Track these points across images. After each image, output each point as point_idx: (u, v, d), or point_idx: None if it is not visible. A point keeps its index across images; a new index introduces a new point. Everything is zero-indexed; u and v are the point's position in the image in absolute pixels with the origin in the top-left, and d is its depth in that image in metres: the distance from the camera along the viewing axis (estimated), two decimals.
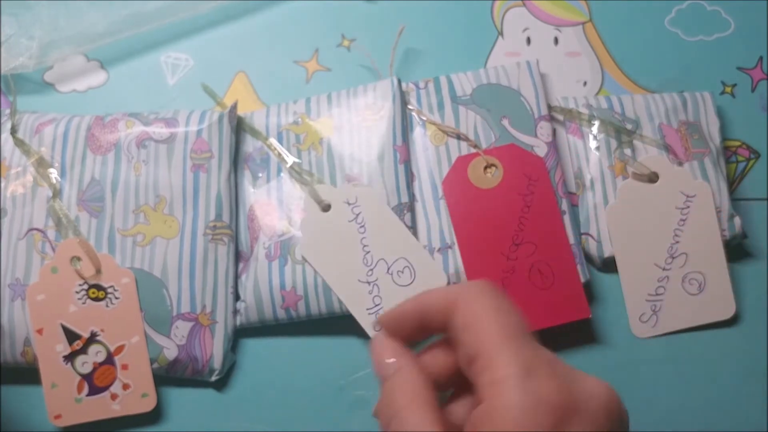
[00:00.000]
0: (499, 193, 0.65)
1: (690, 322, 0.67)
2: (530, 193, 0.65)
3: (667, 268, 0.67)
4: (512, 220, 0.64)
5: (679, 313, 0.67)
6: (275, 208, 0.67)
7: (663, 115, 0.70)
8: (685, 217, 0.67)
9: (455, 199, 0.65)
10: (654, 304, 0.67)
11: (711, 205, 0.67)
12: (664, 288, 0.67)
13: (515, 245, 0.64)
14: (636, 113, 0.70)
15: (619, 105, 0.70)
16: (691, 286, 0.67)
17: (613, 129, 0.69)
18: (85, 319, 0.62)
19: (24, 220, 0.64)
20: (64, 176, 0.65)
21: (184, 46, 0.76)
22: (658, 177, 0.67)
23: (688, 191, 0.67)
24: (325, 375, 0.66)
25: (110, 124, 0.66)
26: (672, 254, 0.67)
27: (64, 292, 0.62)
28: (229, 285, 0.65)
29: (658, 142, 0.69)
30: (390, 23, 0.76)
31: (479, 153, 0.66)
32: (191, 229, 0.64)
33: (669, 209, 0.67)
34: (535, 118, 0.68)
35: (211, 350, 0.64)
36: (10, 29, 0.71)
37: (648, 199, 0.67)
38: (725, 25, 0.77)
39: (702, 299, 0.67)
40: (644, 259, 0.67)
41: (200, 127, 0.66)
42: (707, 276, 0.67)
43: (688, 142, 0.69)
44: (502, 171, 0.65)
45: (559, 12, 0.77)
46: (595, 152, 0.69)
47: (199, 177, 0.65)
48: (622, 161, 0.68)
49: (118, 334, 0.62)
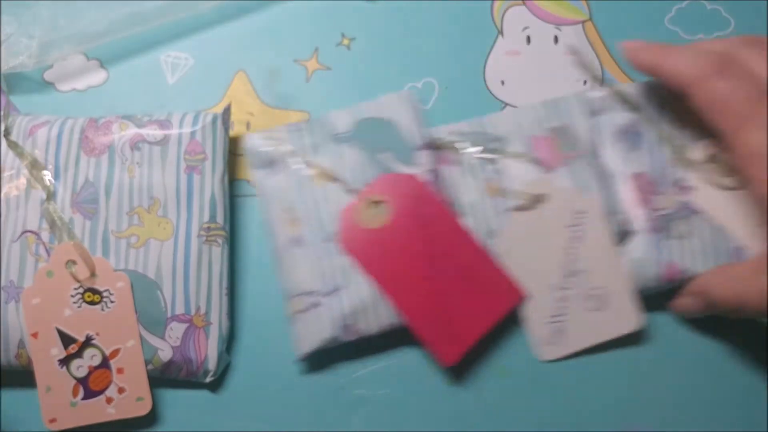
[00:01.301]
0: (394, 224, 0.64)
1: (596, 339, 0.66)
2: (420, 209, 0.64)
3: (565, 287, 0.65)
4: (417, 242, 0.64)
5: (583, 331, 0.66)
6: (653, 182, 0.67)
7: (531, 127, 0.69)
8: (577, 235, 0.66)
9: (358, 249, 0.64)
10: (557, 326, 0.66)
11: (602, 220, 0.65)
12: (565, 308, 0.66)
13: (431, 263, 0.63)
14: (503, 130, 0.69)
15: (484, 125, 0.69)
16: (593, 303, 0.65)
17: (480, 151, 0.68)
18: (81, 322, 0.62)
19: (18, 222, 0.64)
20: (58, 178, 0.65)
21: (184, 45, 0.76)
22: (542, 198, 0.66)
23: (576, 208, 0.66)
24: (325, 374, 0.66)
25: (104, 127, 0.66)
26: (569, 273, 0.66)
27: (59, 296, 0.62)
28: (224, 286, 0.65)
29: (527, 156, 0.68)
30: (390, 22, 0.76)
31: (359, 196, 0.65)
32: (185, 230, 0.64)
33: (559, 229, 0.66)
34: (414, 148, 0.67)
35: (206, 351, 0.64)
36: (10, 28, 0.72)
37: (535, 223, 0.66)
38: (725, 24, 0.76)
39: (605, 314, 0.65)
40: (540, 282, 0.65)
41: (194, 128, 0.66)
42: (608, 291, 0.65)
43: (558, 148, 0.68)
44: (388, 203, 0.64)
45: (559, 11, 0.76)
46: (466, 178, 0.68)
47: (192, 179, 0.65)
48: (494, 185, 0.67)
49: (114, 338, 0.62)
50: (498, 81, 0.74)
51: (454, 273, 0.63)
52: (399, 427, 0.65)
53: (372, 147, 0.67)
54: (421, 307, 0.62)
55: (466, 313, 0.62)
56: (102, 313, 0.62)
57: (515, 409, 0.66)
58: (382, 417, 0.65)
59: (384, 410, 0.65)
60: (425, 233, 0.64)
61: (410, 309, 0.62)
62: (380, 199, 0.65)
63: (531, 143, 0.68)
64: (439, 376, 0.66)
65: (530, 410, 0.66)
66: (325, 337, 0.63)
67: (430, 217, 0.64)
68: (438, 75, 0.75)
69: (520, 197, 0.66)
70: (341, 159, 0.67)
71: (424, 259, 0.63)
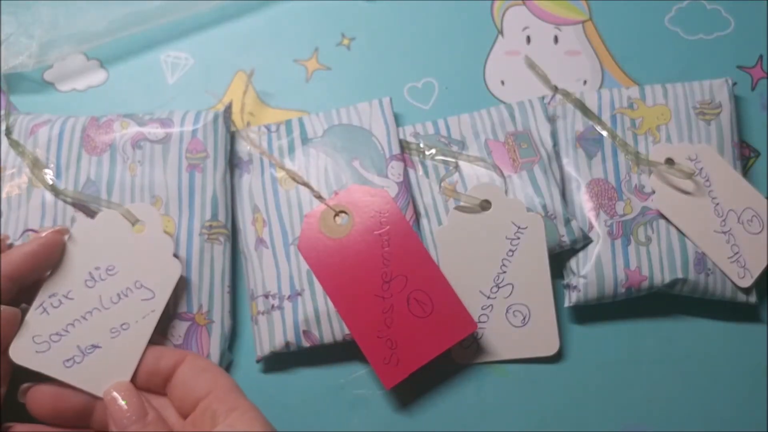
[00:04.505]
0: (356, 238, 0.64)
1: (512, 354, 0.66)
2: (384, 227, 0.64)
3: (492, 297, 0.66)
4: (376, 259, 0.63)
5: (500, 344, 0.66)
6: (613, 188, 0.67)
7: (489, 131, 0.69)
8: (514, 248, 0.66)
9: (314, 256, 0.64)
10: (476, 332, 0.66)
11: (542, 239, 0.65)
12: (487, 317, 0.66)
13: (386, 283, 0.63)
14: (462, 133, 0.70)
15: (445, 128, 0.70)
16: (515, 318, 0.66)
17: (440, 153, 0.68)
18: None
19: (19, 221, 0.64)
20: (60, 177, 0.65)
21: (184, 45, 0.76)
22: (490, 205, 0.66)
23: (519, 222, 0.66)
24: (325, 373, 0.66)
25: (105, 125, 0.67)
26: (498, 284, 0.66)
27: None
28: (226, 284, 0.65)
29: (484, 161, 0.68)
30: (390, 22, 0.76)
31: (325, 204, 0.65)
32: (187, 228, 0.64)
33: (499, 238, 0.66)
34: (386, 158, 0.67)
35: (208, 350, 0.64)
36: (10, 28, 0.72)
37: (478, 226, 0.66)
38: (725, 23, 0.76)
39: (525, 332, 0.66)
40: (470, 285, 0.66)
41: (195, 127, 0.66)
42: (532, 310, 0.66)
43: (516, 153, 0.68)
44: (353, 214, 0.64)
45: (559, 11, 0.76)
46: (426, 179, 0.68)
47: (194, 177, 0.65)
48: (450, 186, 0.67)
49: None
50: (498, 81, 0.75)
51: (410, 295, 0.63)
52: (399, 427, 0.65)
53: (343, 154, 0.67)
54: (368, 326, 0.62)
55: (415, 338, 0.62)
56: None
57: (515, 409, 0.66)
58: (382, 417, 0.65)
59: (384, 410, 0.65)
60: (385, 252, 0.63)
61: (357, 325, 0.62)
62: (345, 209, 0.65)
63: (489, 148, 0.69)
64: (439, 376, 0.66)
65: (530, 410, 0.66)
66: (283, 342, 0.64)
67: (392, 236, 0.64)
68: (438, 75, 0.75)
69: (467, 200, 0.66)
70: (311, 164, 0.67)
71: (380, 277, 0.63)
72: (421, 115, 0.73)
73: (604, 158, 0.68)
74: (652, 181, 0.67)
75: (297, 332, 0.63)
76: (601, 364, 0.67)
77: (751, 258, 0.66)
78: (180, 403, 0.56)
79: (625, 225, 0.66)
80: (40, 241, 0.57)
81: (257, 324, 0.65)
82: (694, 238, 0.66)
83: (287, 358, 0.66)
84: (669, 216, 0.66)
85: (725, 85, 0.70)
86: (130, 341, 0.58)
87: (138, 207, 0.63)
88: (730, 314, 0.68)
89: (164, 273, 0.61)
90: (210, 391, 0.54)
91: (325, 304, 0.63)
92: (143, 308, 0.59)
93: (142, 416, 0.54)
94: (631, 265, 0.65)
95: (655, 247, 0.66)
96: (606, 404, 0.66)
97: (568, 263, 0.67)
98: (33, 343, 0.57)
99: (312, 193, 0.66)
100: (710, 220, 0.66)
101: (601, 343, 0.67)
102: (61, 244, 0.59)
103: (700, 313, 0.68)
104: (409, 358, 0.61)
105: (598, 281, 0.65)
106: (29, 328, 0.57)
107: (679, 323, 0.68)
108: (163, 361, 0.57)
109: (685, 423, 0.66)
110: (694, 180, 0.67)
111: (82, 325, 0.58)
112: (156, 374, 0.57)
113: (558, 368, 0.67)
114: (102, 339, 0.58)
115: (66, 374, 0.57)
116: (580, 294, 0.65)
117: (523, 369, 0.66)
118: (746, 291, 0.66)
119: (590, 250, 0.66)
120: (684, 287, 0.66)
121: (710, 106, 0.69)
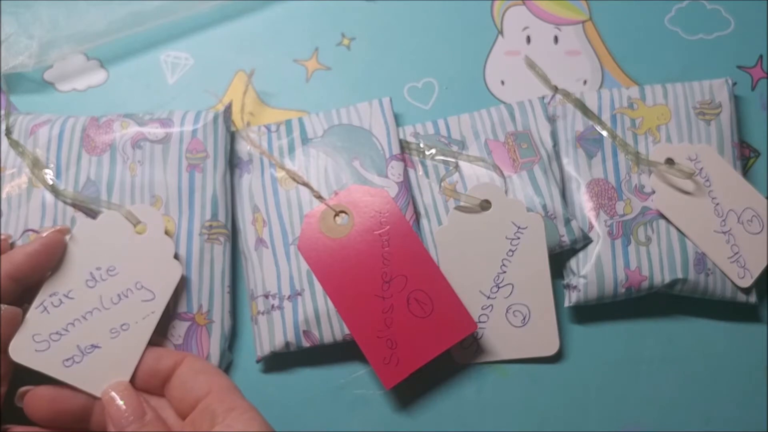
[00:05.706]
0: (356, 238, 0.64)
1: (511, 354, 0.66)
2: (384, 227, 0.64)
3: (492, 297, 0.66)
4: (375, 259, 0.63)
5: (500, 344, 0.66)
6: (613, 188, 0.67)
7: (489, 131, 0.69)
8: (514, 248, 0.66)
9: (314, 256, 0.64)
10: (476, 332, 0.66)
11: (542, 239, 0.65)
12: (487, 317, 0.66)
13: (386, 283, 0.63)
14: (462, 133, 0.70)
15: (445, 128, 0.70)
16: (515, 318, 0.66)
17: (440, 153, 0.68)
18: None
19: (19, 221, 0.64)
20: (60, 177, 0.65)
21: (184, 45, 0.76)
22: (490, 204, 0.66)
23: (519, 222, 0.66)
24: (325, 373, 0.66)
25: (105, 125, 0.66)
26: (498, 284, 0.66)
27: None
28: (226, 284, 0.65)
29: (484, 160, 0.68)
30: (390, 22, 0.76)
31: (325, 204, 0.65)
32: (187, 228, 0.64)
33: (499, 238, 0.66)
34: (386, 158, 0.67)
35: (208, 350, 0.64)
36: (10, 28, 0.71)
37: (478, 226, 0.66)
38: (725, 23, 0.76)
39: (525, 332, 0.66)
40: (470, 285, 0.66)
41: (195, 127, 0.66)
42: (532, 310, 0.66)
43: (516, 153, 0.68)
44: (353, 214, 0.64)
45: (559, 11, 0.76)
46: (426, 179, 0.68)
47: (194, 177, 0.65)
48: (450, 186, 0.67)
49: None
50: (498, 81, 0.75)
51: (410, 295, 0.63)
52: (399, 427, 0.65)
53: (343, 154, 0.67)
54: (368, 326, 0.62)
55: (415, 338, 0.62)
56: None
57: (515, 409, 0.66)
58: (382, 417, 0.65)
59: (384, 410, 0.65)
60: (385, 252, 0.63)
61: (357, 325, 0.62)
62: (345, 209, 0.65)
63: (489, 147, 0.69)
64: (439, 375, 0.66)
65: (530, 410, 0.66)
66: (283, 342, 0.63)
67: (392, 236, 0.64)
68: (438, 75, 0.75)
69: (467, 200, 0.66)
70: (311, 163, 0.67)
71: (380, 277, 0.63)
72: (421, 115, 0.73)
73: (604, 158, 0.68)
74: (652, 181, 0.67)
75: (297, 332, 0.63)
76: (601, 364, 0.67)
77: (751, 258, 0.66)
78: (179, 403, 0.56)
79: (625, 225, 0.66)
80: (41, 240, 0.57)
81: (257, 324, 0.65)
82: (694, 238, 0.66)
83: (287, 358, 0.66)
84: (669, 216, 0.66)
85: (725, 85, 0.70)
86: (130, 342, 0.58)
87: (140, 208, 0.63)
88: (730, 314, 0.68)
89: (165, 275, 0.61)
90: (208, 391, 0.55)
91: (325, 304, 0.63)
92: (143, 309, 0.59)
93: (140, 416, 0.54)
94: (631, 265, 0.65)
95: (655, 247, 0.66)
96: (606, 404, 0.66)
97: (568, 263, 0.67)
98: (33, 341, 0.57)
99: (312, 193, 0.66)
100: (710, 220, 0.66)
101: (601, 343, 0.67)
102: (62, 243, 0.59)
103: (700, 313, 0.68)
104: (409, 358, 0.61)
105: (598, 281, 0.65)
106: (29, 326, 0.57)
107: (679, 323, 0.68)
108: (162, 361, 0.58)
109: (685, 423, 0.66)
110: (694, 180, 0.67)
111: (82, 324, 0.58)
112: (155, 375, 0.57)
113: (558, 368, 0.67)
114: (102, 339, 0.58)
115: (65, 374, 0.57)
116: (580, 294, 0.65)
117: (523, 369, 0.66)
118: (746, 291, 0.66)
119: (590, 250, 0.66)
120: (684, 287, 0.66)
121: (710, 106, 0.69)
